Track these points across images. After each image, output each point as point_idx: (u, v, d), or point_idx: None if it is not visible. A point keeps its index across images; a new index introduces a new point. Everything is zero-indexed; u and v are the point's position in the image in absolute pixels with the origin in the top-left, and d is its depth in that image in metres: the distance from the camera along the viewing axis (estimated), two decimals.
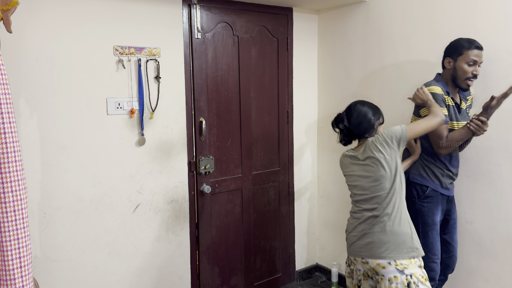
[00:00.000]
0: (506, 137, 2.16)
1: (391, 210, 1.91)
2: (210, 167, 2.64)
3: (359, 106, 2.05)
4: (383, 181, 1.92)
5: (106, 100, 2.26)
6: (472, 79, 2.11)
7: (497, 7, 2.15)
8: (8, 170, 1.48)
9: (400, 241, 1.88)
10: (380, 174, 1.92)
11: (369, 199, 1.97)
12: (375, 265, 1.90)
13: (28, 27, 2.01)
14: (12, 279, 1.50)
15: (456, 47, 2.12)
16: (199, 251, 2.69)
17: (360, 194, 2.01)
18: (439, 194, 2.18)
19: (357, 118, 2.01)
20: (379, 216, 1.92)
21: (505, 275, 2.22)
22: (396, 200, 1.91)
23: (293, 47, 3.03)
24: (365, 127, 2.01)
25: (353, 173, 2.04)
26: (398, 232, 1.89)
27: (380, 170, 1.92)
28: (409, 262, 1.87)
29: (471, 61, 2.08)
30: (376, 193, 1.94)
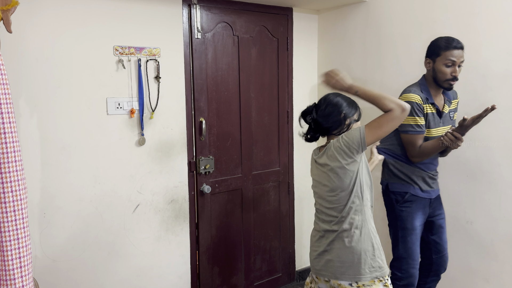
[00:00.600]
0: (506, 137, 2.16)
1: (349, 225, 1.69)
2: (210, 167, 2.64)
3: (331, 96, 1.80)
4: (339, 192, 1.70)
5: (106, 100, 2.26)
6: (453, 81, 2.03)
7: (497, 7, 2.15)
8: (8, 170, 1.48)
9: (361, 259, 1.68)
10: (336, 185, 1.70)
11: (327, 210, 1.76)
12: (337, 285, 1.72)
13: (28, 27, 2.01)
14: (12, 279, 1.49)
15: (434, 47, 2.06)
16: (199, 251, 2.69)
17: (319, 203, 1.81)
18: (419, 198, 2.16)
19: (326, 109, 1.76)
20: (337, 231, 1.72)
21: (505, 275, 2.22)
22: (356, 214, 1.70)
23: (293, 47, 3.03)
24: (334, 120, 1.75)
25: (314, 177, 1.84)
26: (357, 249, 1.68)
27: (335, 181, 1.70)
28: (372, 283, 1.68)
29: (449, 62, 2.00)
30: (333, 205, 1.73)
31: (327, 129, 1.78)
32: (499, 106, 2.16)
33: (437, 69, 2.05)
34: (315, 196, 1.84)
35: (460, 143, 1.94)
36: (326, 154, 1.73)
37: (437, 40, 2.07)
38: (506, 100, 2.14)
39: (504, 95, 2.15)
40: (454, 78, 2.02)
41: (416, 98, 2.04)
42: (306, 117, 1.84)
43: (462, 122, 1.88)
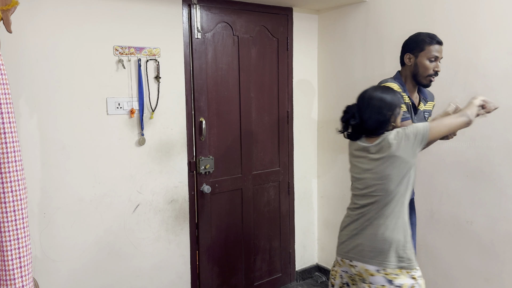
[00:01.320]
0: (506, 137, 2.16)
1: (388, 214, 1.72)
2: (210, 167, 2.64)
3: (374, 95, 1.75)
4: (388, 182, 1.71)
5: (106, 100, 2.26)
6: (434, 76, 2.03)
7: (497, 7, 2.15)
8: (8, 170, 1.48)
9: (391, 248, 1.70)
10: (387, 173, 1.71)
11: (369, 197, 1.77)
12: (363, 270, 1.74)
13: (28, 27, 2.01)
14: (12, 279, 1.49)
15: (417, 42, 2.02)
16: (199, 251, 2.69)
17: (361, 189, 1.81)
18: None
19: (371, 112, 1.73)
20: (373, 218, 1.75)
21: (505, 275, 2.22)
22: (396, 205, 1.73)
23: (293, 47, 3.03)
24: (381, 122, 1.73)
25: (360, 165, 1.82)
26: (389, 238, 1.71)
27: (388, 169, 1.71)
28: (400, 272, 1.69)
29: (432, 57, 1.99)
30: (377, 193, 1.75)
31: (373, 131, 1.75)
32: (499, 106, 2.16)
33: (420, 64, 2.02)
34: (357, 182, 1.83)
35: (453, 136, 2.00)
36: (384, 143, 1.72)
37: (419, 35, 2.04)
38: (506, 100, 2.14)
39: (504, 95, 2.15)
40: (436, 73, 2.02)
41: (396, 87, 2.03)
42: (349, 121, 1.79)
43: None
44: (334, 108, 3.07)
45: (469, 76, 2.27)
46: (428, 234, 2.53)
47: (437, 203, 2.48)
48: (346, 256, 1.81)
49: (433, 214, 2.50)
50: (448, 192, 2.42)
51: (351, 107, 1.80)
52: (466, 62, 2.28)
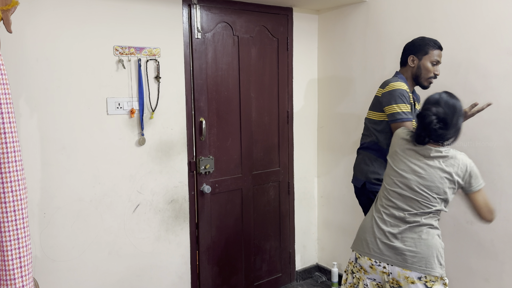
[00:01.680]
0: (506, 137, 2.16)
1: (431, 221, 1.71)
2: (210, 167, 2.64)
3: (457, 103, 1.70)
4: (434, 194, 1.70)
5: (106, 100, 2.26)
6: (433, 79, 2.13)
7: (497, 7, 2.15)
8: (8, 170, 1.48)
9: (434, 254, 1.68)
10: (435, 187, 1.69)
11: (410, 200, 1.71)
12: (403, 278, 1.67)
13: (28, 27, 2.01)
14: (12, 279, 1.49)
15: (422, 45, 2.12)
16: (199, 251, 2.69)
17: (402, 188, 1.73)
18: None
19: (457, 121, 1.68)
20: (417, 223, 1.70)
21: (505, 275, 2.22)
22: (438, 216, 1.76)
23: (293, 47, 3.03)
24: (456, 132, 1.70)
25: (410, 164, 1.74)
26: (432, 243, 1.69)
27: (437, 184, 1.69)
28: (436, 280, 1.67)
29: (435, 61, 2.10)
30: (421, 198, 1.70)
31: (446, 139, 1.71)
32: (499, 106, 2.16)
33: (423, 66, 2.12)
34: (399, 179, 1.75)
35: None
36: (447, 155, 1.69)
37: (423, 39, 2.14)
38: (506, 100, 2.14)
39: (504, 95, 2.15)
40: (435, 76, 2.13)
41: (404, 86, 2.09)
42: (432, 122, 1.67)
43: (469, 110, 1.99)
44: (334, 108, 3.07)
45: (469, 76, 2.27)
46: None
47: None
48: (381, 259, 1.72)
49: None
50: None
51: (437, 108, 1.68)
52: (466, 62, 2.28)
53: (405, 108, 2.05)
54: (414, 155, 1.74)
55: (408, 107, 2.06)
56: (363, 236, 1.80)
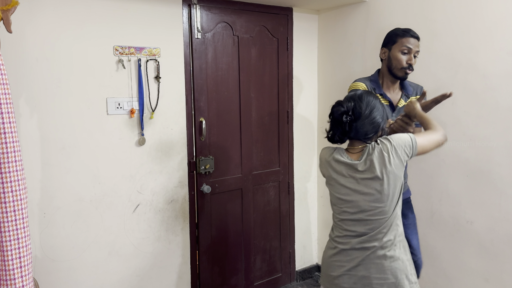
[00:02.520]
0: (506, 137, 2.16)
1: (392, 237, 1.57)
2: (210, 167, 2.64)
3: (371, 98, 1.62)
4: (385, 202, 1.57)
5: (106, 100, 2.26)
6: (409, 69, 2.01)
7: (497, 7, 2.15)
8: (8, 170, 1.48)
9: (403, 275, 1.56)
10: (385, 193, 1.56)
11: (366, 222, 1.59)
12: None
13: (28, 27, 2.01)
14: (12, 279, 1.49)
15: (391, 35, 2.05)
16: (199, 251, 2.69)
17: (352, 213, 1.62)
18: None
19: (369, 115, 1.59)
20: (377, 247, 1.58)
21: (505, 275, 2.22)
22: (395, 224, 1.59)
23: (293, 47, 3.03)
24: (373, 128, 1.61)
25: (346, 185, 1.63)
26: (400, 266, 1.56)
27: (384, 188, 1.55)
28: None
29: (405, 49, 1.99)
30: (375, 216, 1.58)
31: (362, 134, 1.61)
32: (499, 106, 2.16)
33: (392, 56, 2.03)
34: (346, 205, 1.64)
35: (411, 129, 1.82)
36: (373, 158, 1.57)
37: (394, 29, 2.08)
38: (506, 100, 2.14)
39: (504, 95, 2.15)
40: (410, 67, 2.00)
41: (361, 85, 2.02)
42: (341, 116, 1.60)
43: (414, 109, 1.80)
44: None
45: (469, 76, 2.27)
46: (428, 234, 2.53)
47: (437, 203, 2.48)
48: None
49: (433, 214, 2.50)
50: (448, 192, 2.42)
51: (343, 102, 1.63)
52: (466, 62, 2.28)
53: None
54: (347, 173, 1.63)
55: None
56: (328, 272, 1.70)
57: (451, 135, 2.36)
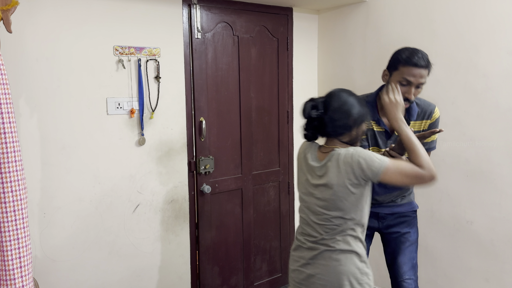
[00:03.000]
0: (506, 137, 2.16)
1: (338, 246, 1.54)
2: (210, 167, 2.64)
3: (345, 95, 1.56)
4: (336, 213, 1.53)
5: (106, 100, 2.26)
6: (405, 102, 1.70)
7: (497, 7, 2.15)
8: (8, 170, 1.48)
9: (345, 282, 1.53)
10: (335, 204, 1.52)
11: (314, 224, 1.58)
12: None
13: (28, 27, 2.01)
14: (12, 279, 1.49)
15: (394, 59, 1.75)
16: (199, 251, 2.69)
17: (307, 214, 1.62)
18: None
19: (338, 110, 1.53)
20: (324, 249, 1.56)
21: (505, 275, 2.22)
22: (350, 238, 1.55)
23: (293, 47, 3.03)
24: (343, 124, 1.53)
25: (306, 185, 1.63)
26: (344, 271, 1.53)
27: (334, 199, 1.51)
28: None
29: (404, 81, 1.69)
30: (324, 222, 1.55)
31: (331, 132, 1.57)
32: (499, 106, 2.16)
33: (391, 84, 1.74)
34: (303, 204, 1.65)
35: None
36: (328, 166, 1.53)
37: (400, 52, 1.75)
38: (506, 100, 2.14)
39: (504, 95, 2.15)
40: (406, 100, 1.71)
41: None
42: (311, 110, 1.58)
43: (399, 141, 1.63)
44: None
45: (469, 76, 2.27)
46: (428, 234, 2.53)
47: (437, 203, 2.48)
48: (297, 287, 1.63)
49: (433, 214, 2.51)
50: (448, 192, 2.42)
51: (319, 98, 1.60)
52: (466, 62, 2.28)
53: None
54: (308, 172, 1.62)
55: None
56: (289, 265, 1.72)
57: (451, 135, 2.36)
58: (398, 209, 1.94)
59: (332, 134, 1.58)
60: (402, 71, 1.70)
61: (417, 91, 1.73)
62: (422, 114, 1.85)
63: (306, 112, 1.60)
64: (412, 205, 1.99)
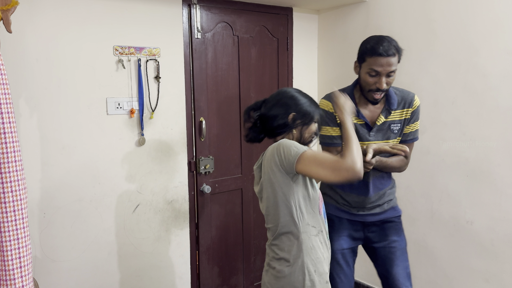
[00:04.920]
0: (506, 137, 2.16)
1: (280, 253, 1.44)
2: (210, 167, 2.64)
3: (287, 91, 1.51)
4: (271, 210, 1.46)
5: (106, 100, 2.26)
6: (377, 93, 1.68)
7: (497, 7, 2.15)
8: (8, 170, 1.48)
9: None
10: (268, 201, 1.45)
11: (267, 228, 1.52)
12: None
13: (28, 27, 2.01)
14: (12, 279, 1.49)
15: (360, 50, 1.72)
16: (199, 251, 2.69)
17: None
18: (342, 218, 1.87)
19: (274, 106, 1.48)
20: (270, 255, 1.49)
21: (505, 275, 2.22)
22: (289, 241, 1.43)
23: (293, 47, 3.03)
24: (279, 122, 1.47)
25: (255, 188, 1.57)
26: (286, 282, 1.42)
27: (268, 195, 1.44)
28: None
29: (372, 72, 1.66)
30: (268, 224, 1.49)
31: (271, 130, 1.50)
32: (499, 106, 2.16)
33: (361, 76, 1.73)
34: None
35: (369, 166, 1.62)
36: (261, 161, 1.49)
37: (365, 42, 1.71)
38: (506, 100, 2.14)
39: (504, 95, 2.15)
40: (378, 90, 1.68)
41: (326, 104, 1.78)
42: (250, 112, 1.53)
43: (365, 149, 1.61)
44: None
45: (469, 76, 2.27)
46: (428, 234, 2.53)
47: (437, 203, 2.48)
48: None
49: (433, 214, 2.51)
50: (448, 192, 2.42)
51: (259, 101, 1.56)
52: (466, 62, 2.28)
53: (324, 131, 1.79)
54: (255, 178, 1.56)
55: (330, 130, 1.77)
56: None
57: (451, 135, 2.36)
58: (383, 216, 1.89)
59: (270, 135, 1.52)
60: (369, 62, 1.66)
61: (389, 79, 1.69)
62: (403, 103, 1.81)
63: (246, 113, 1.55)
64: (397, 210, 1.95)
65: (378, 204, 1.88)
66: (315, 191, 1.49)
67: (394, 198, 1.96)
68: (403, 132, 1.84)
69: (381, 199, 1.89)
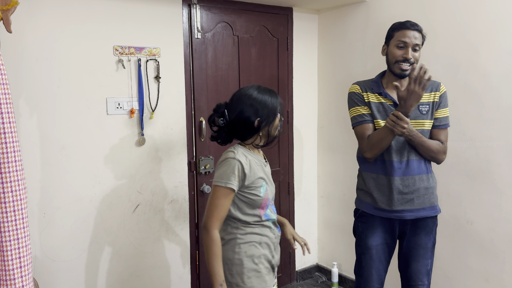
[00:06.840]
0: (506, 137, 2.16)
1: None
2: (210, 167, 2.64)
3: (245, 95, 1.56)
4: None
5: (106, 100, 2.26)
6: (404, 63, 1.84)
7: (497, 7, 2.15)
8: (8, 170, 1.48)
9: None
10: None
11: None
12: None
13: (28, 27, 2.01)
14: (12, 279, 1.49)
15: (388, 31, 1.94)
16: (199, 251, 2.69)
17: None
18: (376, 217, 1.95)
19: (239, 115, 1.54)
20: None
21: (505, 275, 2.22)
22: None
23: (293, 47, 3.03)
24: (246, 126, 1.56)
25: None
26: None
27: None
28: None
29: (400, 43, 1.85)
30: None
31: (238, 136, 1.60)
32: (499, 106, 2.16)
33: (389, 52, 1.91)
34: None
35: (404, 124, 1.72)
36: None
37: (393, 23, 1.95)
38: (506, 100, 2.14)
39: (504, 95, 2.15)
40: (405, 60, 1.84)
41: (353, 88, 1.98)
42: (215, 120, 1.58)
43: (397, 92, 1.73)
44: (334, 108, 3.07)
45: (469, 76, 2.27)
46: None
47: None
48: None
49: None
50: (448, 192, 2.42)
51: (221, 105, 1.60)
52: (466, 62, 2.28)
53: (354, 112, 1.97)
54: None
55: (360, 109, 1.94)
56: None
57: (451, 135, 2.36)
58: (422, 213, 1.91)
59: (239, 139, 1.62)
60: (397, 36, 1.87)
61: (415, 54, 1.87)
62: (430, 87, 1.96)
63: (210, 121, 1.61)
64: (436, 209, 1.96)
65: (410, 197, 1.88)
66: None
67: (430, 195, 1.93)
68: (433, 116, 1.95)
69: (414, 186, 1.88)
